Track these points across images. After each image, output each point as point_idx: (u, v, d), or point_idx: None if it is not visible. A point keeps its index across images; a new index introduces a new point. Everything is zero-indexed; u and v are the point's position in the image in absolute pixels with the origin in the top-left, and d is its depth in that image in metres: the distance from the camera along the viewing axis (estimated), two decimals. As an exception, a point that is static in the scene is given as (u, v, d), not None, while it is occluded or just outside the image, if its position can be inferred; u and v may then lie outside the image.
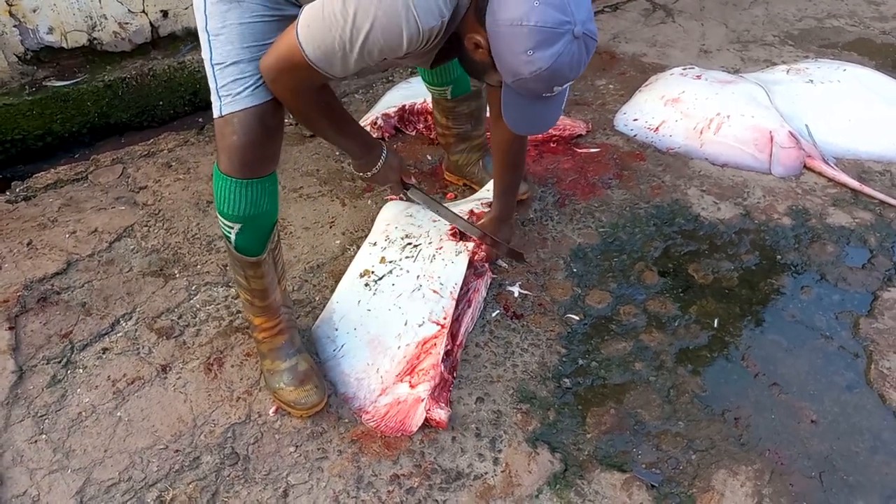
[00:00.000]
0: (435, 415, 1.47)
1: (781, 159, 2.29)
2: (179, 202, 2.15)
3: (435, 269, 1.76)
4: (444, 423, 1.47)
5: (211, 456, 1.43)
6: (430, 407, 1.47)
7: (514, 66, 1.20)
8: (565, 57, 1.17)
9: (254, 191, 1.33)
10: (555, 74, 1.19)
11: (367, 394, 1.54)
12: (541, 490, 1.37)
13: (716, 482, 1.38)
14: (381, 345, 1.63)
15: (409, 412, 1.47)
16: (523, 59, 1.17)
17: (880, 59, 3.06)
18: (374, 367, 1.59)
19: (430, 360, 1.55)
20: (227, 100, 1.28)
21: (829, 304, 1.80)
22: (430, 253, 1.82)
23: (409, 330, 1.63)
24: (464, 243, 1.84)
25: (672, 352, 1.67)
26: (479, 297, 1.77)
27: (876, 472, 1.40)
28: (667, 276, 1.89)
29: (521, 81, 1.22)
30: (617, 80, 2.89)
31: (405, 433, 1.46)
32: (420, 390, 1.49)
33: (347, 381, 1.58)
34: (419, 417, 1.46)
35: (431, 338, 1.60)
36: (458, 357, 1.64)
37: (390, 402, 1.51)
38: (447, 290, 1.70)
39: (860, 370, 1.62)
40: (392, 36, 1.17)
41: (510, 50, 1.18)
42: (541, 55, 1.16)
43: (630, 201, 2.17)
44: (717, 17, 3.51)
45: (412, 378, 1.53)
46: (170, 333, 1.70)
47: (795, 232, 2.05)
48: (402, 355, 1.59)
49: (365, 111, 2.60)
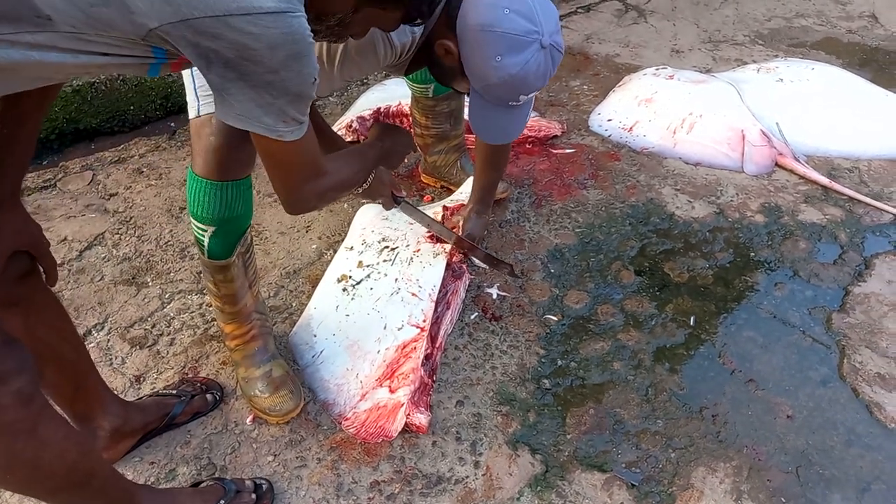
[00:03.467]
0: (415, 419, 1.46)
1: (753, 157, 2.32)
2: (151, 209, 2.11)
3: (413, 272, 1.75)
4: (425, 428, 1.46)
5: (187, 467, 1.40)
6: (410, 411, 1.46)
7: (483, 72, 1.24)
8: (532, 66, 1.21)
9: (228, 193, 1.32)
10: (521, 82, 1.24)
11: (347, 399, 1.53)
12: (522, 492, 1.36)
13: (695, 480, 1.39)
14: (361, 349, 1.61)
15: (390, 417, 1.46)
16: (492, 64, 1.22)
17: (847, 58, 3.12)
18: (353, 372, 1.57)
19: (410, 364, 1.54)
20: (207, 100, 1.27)
21: (803, 300, 1.83)
22: (407, 256, 1.81)
23: (389, 334, 1.62)
24: (441, 245, 1.83)
25: (650, 350, 1.68)
26: (457, 299, 1.76)
27: (851, 465, 1.42)
28: (643, 275, 1.90)
29: (488, 87, 1.27)
30: (591, 81, 2.91)
31: (386, 438, 1.45)
32: (400, 394, 1.48)
33: (327, 388, 1.56)
34: (399, 422, 1.45)
35: (411, 341, 1.59)
36: (437, 360, 1.63)
37: (370, 407, 1.49)
38: (426, 293, 1.69)
39: (833, 365, 1.64)
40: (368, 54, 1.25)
41: (479, 55, 1.23)
42: (508, 61, 1.21)
43: (606, 201, 2.18)
44: (688, 17, 3.55)
45: (392, 382, 1.52)
46: (143, 343, 1.67)
47: (768, 229, 2.08)
48: (382, 359, 1.57)
49: (340, 114, 2.58)
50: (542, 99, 2.75)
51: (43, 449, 0.92)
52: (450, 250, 1.83)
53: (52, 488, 0.97)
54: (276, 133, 0.96)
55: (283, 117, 0.95)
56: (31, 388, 0.91)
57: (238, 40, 0.82)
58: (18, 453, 0.89)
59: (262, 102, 0.91)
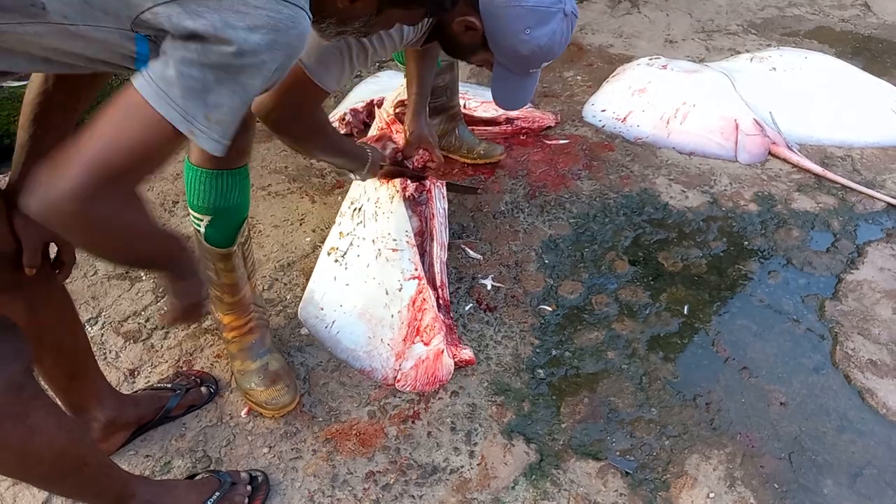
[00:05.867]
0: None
1: (747, 146, 2.33)
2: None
3: (382, 227, 1.76)
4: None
5: (182, 460, 1.40)
6: (455, 352, 1.56)
7: (512, 45, 1.30)
8: (558, 35, 1.29)
9: (224, 182, 1.32)
10: (548, 51, 1.31)
11: (384, 363, 1.58)
12: (517, 481, 1.37)
13: (689, 467, 1.40)
14: (374, 317, 1.65)
15: (437, 365, 1.54)
16: (522, 38, 1.27)
17: (840, 47, 3.12)
18: (377, 338, 1.61)
19: (429, 316, 1.60)
20: None
21: (796, 288, 1.83)
22: (371, 211, 1.81)
23: (394, 297, 1.65)
24: (390, 183, 1.82)
25: (644, 339, 1.68)
26: (435, 223, 1.79)
27: (843, 451, 1.43)
28: (637, 265, 1.90)
29: (516, 59, 1.32)
30: (585, 72, 2.91)
31: (441, 384, 1.54)
32: (436, 343, 1.56)
33: (358, 357, 1.61)
34: (449, 366, 1.55)
35: (417, 294, 1.63)
36: (447, 298, 1.70)
37: (414, 364, 1.55)
38: (403, 242, 1.71)
39: (826, 352, 1.65)
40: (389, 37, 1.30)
41: (508, 30, 1.28)
42: (538, 33, 1.27)
43: (600, 192, 2.18)
44: (681, 7, 3.54)
45: (422, 337, 1.58)
46: (137, 337, 1.66)
47: (762, 218, 2.08)
48: (400, 321, 1.62)
49: (333, 107, 2.57)
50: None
51: (32, 435, 0.92)
52: (400, 183, 1.82)
53: (41, 474, 0.98)
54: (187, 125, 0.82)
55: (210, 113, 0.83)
56: (23, 376, 0.91)
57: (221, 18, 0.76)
58: (5, 439, 0.90)
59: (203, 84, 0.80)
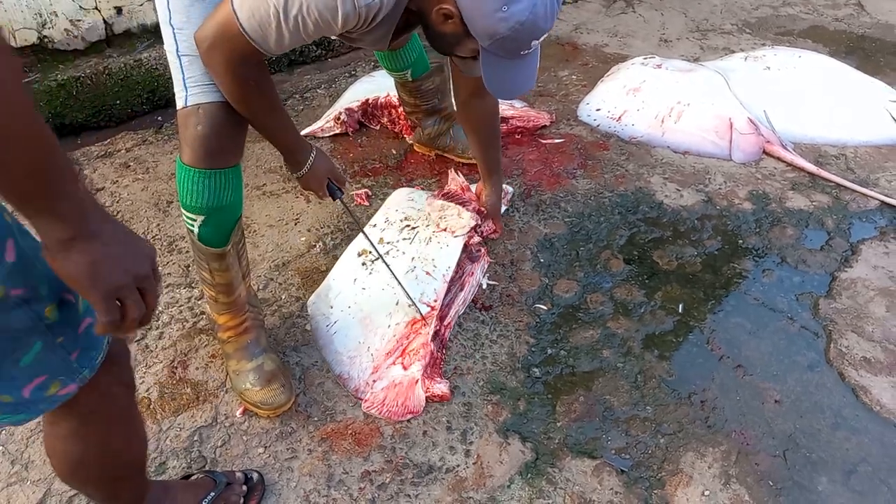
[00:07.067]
0: (436, 390, 1.50)
1: (741, 145, 2.33)
2: (139, 203, 2.10)
3: (429, 252, 1.78)
4: (448, 395, 1.51)
5: (178, 460, 1.40)
6: (428, 385, 1.50)
7: (490, 26, 1.20)
8: (539, 8, 1.18)
9: (217, 182, 1.31)
10: (532, 27, 1.20)
11: (360, 373, 1.56)
12: (512, 480, 1.37)
13: (684, 465, 1.40)
14: (373, 323, 1.65)
15: (409, 393, 1.50)
16: (499, 16, 1.18)
17: (834, 46, 3.13)
18: (364, 345, 1.61)
19: (419, 340, 1.58)
20: (195, 90, 1.27)
21: (790, 286, 1.84)
22: (426, 236, 1.84)
23: (400, 310, 1.65)
24: (464, 223, 1.85)
25: (639, 338, 1.68)
26: (473, 281, 1.79)
27: (837, 448, 1.43)
28: (632, 264, 1.91)
29: (499, 42, 1.22)
30: (579, 71, 2.91)
31: (412, 415, 1.48)
32: (413, 370, 1.52)
33: (341, 361, 1.59)
34: (420, 397, 1.49)
35: (421, 318, 1.62)
36: (446, 336, 1.66)
37: (387, 385, 1.52)
38: (440, 273, 1.72)
39: (820, 349, 1.66)
40: (327, 11, 1.17)
41: (483, 11, 1.19)
42: (515, 9, 1.17)
43: (595, 190, 2.18)
44: (676, 7, 3.55)
45: (404, 359, 1.56)
46: (131, 337, 1.66)
47: (756, 216, 2.09)
48: (392, 334, 1.61)
49: (328, 106, 2.57)
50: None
51: (131, 439, 0.96)
52: (468, 234, 1.84)
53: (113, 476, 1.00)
54: None
55: None
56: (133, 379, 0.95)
57: None
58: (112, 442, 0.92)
59: None
